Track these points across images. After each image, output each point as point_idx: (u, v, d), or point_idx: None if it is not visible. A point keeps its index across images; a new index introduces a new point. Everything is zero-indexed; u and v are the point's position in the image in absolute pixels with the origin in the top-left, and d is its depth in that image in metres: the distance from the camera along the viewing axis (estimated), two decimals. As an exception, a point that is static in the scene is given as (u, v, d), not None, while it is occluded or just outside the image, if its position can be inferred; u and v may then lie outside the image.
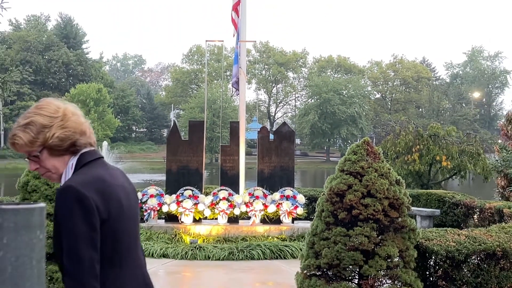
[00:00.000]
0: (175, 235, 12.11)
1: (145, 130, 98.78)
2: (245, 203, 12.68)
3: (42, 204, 1.09)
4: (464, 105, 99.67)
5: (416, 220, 12.95)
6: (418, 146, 23.34)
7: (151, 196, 12.74)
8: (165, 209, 12.63)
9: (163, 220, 12.88)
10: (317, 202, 6.35)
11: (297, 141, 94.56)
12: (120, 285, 2.30)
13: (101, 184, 2.26)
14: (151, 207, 12.58)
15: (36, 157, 2.32)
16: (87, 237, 2.13)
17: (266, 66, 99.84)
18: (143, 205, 12.51)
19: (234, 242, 11.76)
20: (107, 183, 2.29)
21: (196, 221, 12.71)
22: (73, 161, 2.34)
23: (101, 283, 2.18)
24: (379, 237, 5.84)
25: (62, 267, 2.18)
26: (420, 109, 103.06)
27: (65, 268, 2.12)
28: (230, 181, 13.64)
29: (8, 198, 15.12)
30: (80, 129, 2.33)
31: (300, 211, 12.72)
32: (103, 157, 2.45)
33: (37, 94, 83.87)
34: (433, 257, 6.45)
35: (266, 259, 10.85)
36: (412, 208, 6.72)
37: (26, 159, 2.38)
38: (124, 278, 2.32)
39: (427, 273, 6.55)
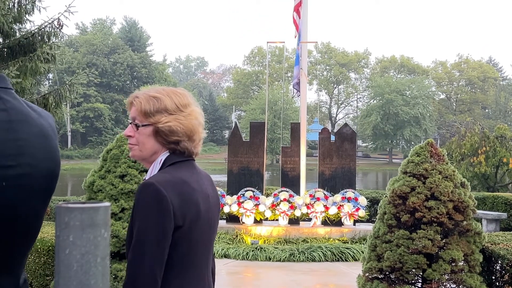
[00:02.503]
0: (236, 236, 12.19)
1: (207, 131, 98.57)
2: (306, 205, 12.65)
3: (107, 203, 1.12)
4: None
5: (481, 224, 12.65)
6: (484, 148, 22.76)
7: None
8: (226, 209, 12.73)
9: (224, 221, 12.98)
10: (379, 204, 6.27)
11: (359, 142, 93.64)
12: None
13: (183, 187, 2.18)
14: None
15: (137, 126, 2.31)
16: (156, 240, 2.07)
17: (327, 67, 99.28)
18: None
19: (295, 243, 11.75)
20: (189, 187, 2.21)
21: (257, 222, 12.76)
22: (163, 157, 2.30)
23: None
24: (443, 241, 5.73)
25: None
26: (487, 110, 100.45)
27: (127, 263, 2.10)
28: (291, 182, 13.65)
29: (74, 198, 15.57)
30: (191, 133, 2.31)
31: (361, 213, 12.60)
32: (193, 159, 2.38)
33: (102, 96, 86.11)
34: (500, 262, 6.27)
35: (327, 261, 10.80)
36: (478, 211, 6.56)
37: (129, 121, 2.37)
38: None
39: (493, 278, 6.38)
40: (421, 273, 5.78)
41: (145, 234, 2.09)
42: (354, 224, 12.73)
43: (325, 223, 12.60)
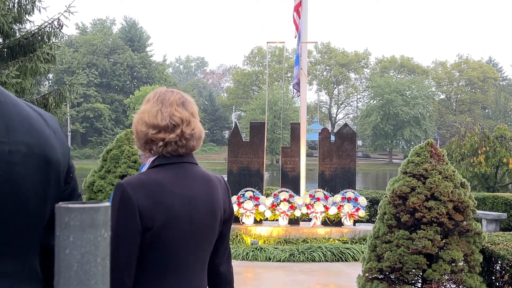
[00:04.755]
0: (236, 236, 12.19)
1: (207, 131, 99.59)
2: (306, 205, 12.65)
3: (107, 203, 1.12)
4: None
5: (481, 224, 12.64)
6: (484, 148, 22.72)
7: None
8: (226, 210, 12.72)
9: (224, 221, 12.97)
10: (379, 204, 6.27)
11: (359, 142, 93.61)
12: None
13: (156, 189, 2.16)
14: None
15: None
16: (118, 241, 2.06)
17: (327, 67, 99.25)
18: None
19: (295, 243, 11.75)
20: (163, 190, 2.18)
21: (257, 222, 12.76)
22: (152, 158, 2.31)
23: None
24: (443, 241, 5.72)
25: None
26: (486, 110, 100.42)
27: None
28: (290, 182, 13.65)
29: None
30: (135, 132, 2.29)
31: (361, 213, 12.60)
32: (187, 162, 2.32)
33: (102, 96, 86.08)
34: (499, 262, 6.27)
35: (327, 261, 10.80)
36: (478, 211, 6.56)
37: None
38: None
39: (493, 278, 6.38)
40: (421, 273, 5.78)
41: (111, 234, 2.07)
42: (354, 224, 12.74)
43: (325, 223, 12.60)
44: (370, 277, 6.00)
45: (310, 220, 12.73)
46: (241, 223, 12.65)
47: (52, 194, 1.70)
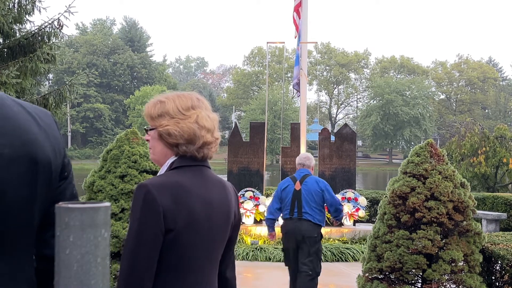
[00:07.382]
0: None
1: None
2: (306, 205, 12.64)
3: (107, 204, 1.12)
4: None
5: (481, 224, 12.64)
6: (484, 148, 22.72)
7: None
8: (226, 210, 12.72)
9: (225, 221, 12.97)
10: (379, 204, 6.27)
11: (359, 142, 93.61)
12: None
13: (178, 191, 2.19)
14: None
15: (146, 130, 2.38)
16: (142, 241, 2.10)
17: (327, 67, 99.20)
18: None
19: (295, 243, 11.74)
20: (185, 192, 2.21)
21: (257, 222, 12.76)
22: (171, 160, 2.31)
23: None
24: (443, 241, 5.72)
25: None
26: (486, 110, 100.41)
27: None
28: (291, 182, 13.64)
29: (74, 198, 15.56)
30: (188, 136, 2.27)
31: (361, 213, 12.61)
32: (204, 166, 2.35)
33: (102, 96, 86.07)
34: (499, 262, 6.27)
35: (327, 261, 10.79)
36: (478, 211, 6.56)
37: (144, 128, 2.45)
38: None
39: (493, 278, 6.38)
40: (421, 273, 5.77)
41: (132, 234, 2.12)
42: (354, 225, 12.75)
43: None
44: (370, 277, 6.00)
45: (310, 220, 12.73)
46: (241, 223, 12.64)
47: (41, 195, 1.65)
